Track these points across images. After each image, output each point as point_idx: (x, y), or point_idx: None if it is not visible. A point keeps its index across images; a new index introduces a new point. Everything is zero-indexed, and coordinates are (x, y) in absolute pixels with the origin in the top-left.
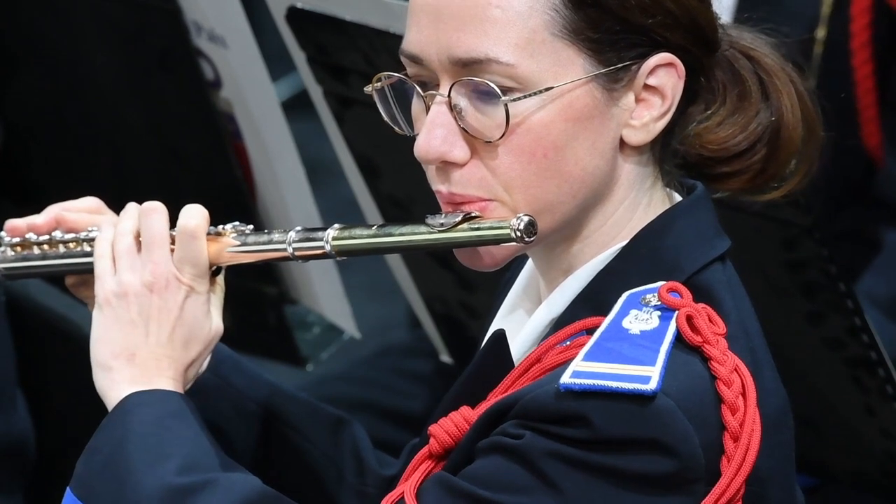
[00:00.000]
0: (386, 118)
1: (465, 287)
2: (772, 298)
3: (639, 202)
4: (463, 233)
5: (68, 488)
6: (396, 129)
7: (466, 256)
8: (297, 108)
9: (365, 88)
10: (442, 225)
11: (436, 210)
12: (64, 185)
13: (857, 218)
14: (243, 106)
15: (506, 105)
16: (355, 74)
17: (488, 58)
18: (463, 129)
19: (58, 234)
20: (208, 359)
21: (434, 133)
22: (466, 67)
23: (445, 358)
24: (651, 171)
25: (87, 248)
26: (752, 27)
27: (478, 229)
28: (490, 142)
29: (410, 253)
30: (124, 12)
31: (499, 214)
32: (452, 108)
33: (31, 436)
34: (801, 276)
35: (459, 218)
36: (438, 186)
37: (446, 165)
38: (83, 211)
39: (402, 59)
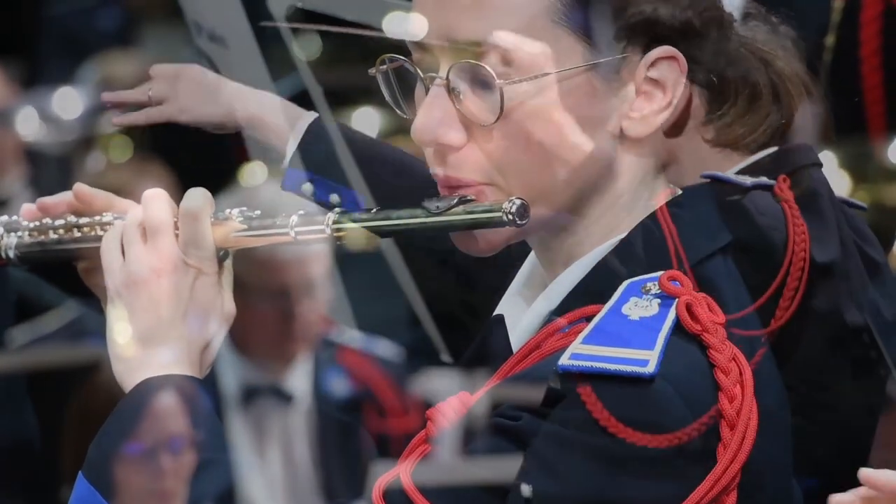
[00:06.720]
0: (389, 101)
1: (465, 286)
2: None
3: (640, 196)
4: (458, 216)
5: (80, 473)
6: (399, 112)
7: (462, 241)
8: None
9: (369, 71)
10: (437, 208)
11: None
12: None
13: None
14: None
15: (501, 89)
16: (355, 74)
17: (487, 41)
18: (460, 111)
19: (72, 219)
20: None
21: (431, 115)
22: (466, 51)
23: (445, 358)
24: (654, 164)
25: (100, 233)
26: (763, 21)
27: (472, 213)
28: (486, 126)
29: (407, 237)
30: None
31: (494, 199)
32: (451, 91)
33: (36, 435)
34: None
35: (455, 201)
36: (435, 169)
37: (443, 148)
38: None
39: (407, 43)
